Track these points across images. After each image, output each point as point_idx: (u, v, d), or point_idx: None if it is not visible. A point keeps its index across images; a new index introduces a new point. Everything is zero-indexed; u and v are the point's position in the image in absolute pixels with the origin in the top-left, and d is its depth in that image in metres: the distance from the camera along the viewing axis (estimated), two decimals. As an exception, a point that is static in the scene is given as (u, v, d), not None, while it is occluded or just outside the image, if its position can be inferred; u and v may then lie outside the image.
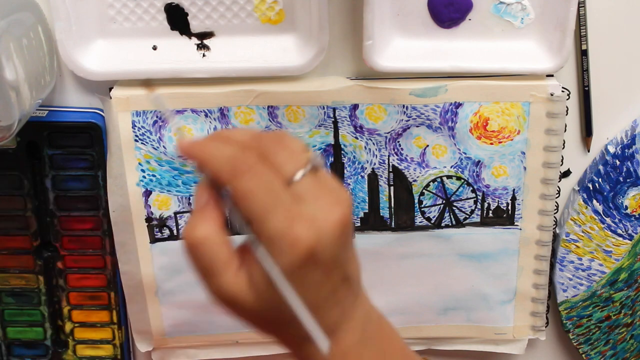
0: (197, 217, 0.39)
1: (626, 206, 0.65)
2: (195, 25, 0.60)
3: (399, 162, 0.64)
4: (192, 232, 0.39)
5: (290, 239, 0.36)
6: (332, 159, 0.64)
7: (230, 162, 0.38)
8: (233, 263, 0.39)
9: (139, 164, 0.63)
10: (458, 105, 0.61)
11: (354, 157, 0.64)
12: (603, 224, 0.66)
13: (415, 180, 0.64)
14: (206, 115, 0.62)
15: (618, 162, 0.64)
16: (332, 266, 0.39)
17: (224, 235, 0.40)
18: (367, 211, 0.65)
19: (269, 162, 0.38)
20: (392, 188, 0.65)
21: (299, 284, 0.37)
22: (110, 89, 0.61)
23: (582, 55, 0.62)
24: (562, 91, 0.61)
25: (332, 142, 0.63)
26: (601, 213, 0.66)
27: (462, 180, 0.64)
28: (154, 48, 0.60)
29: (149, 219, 0.65)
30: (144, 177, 0.63)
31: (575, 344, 0.71)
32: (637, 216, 0.66)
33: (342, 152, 0.63)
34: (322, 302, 0.40)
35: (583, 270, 0.68)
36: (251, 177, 0.37)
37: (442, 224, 0.66)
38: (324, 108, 0.61)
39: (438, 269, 0.67)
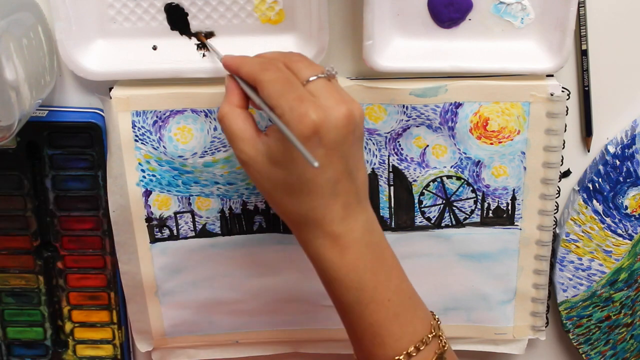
0: (224, 100, 0.50)
1: (626, 206, 0.65)
2: (195, 25, 0.60)
3: (399, 162, 0.64)
4: (220, 109, 0.50)
5: (299, 114, 0.45)
6: (332, 159, 0.64)
7: (258, 65, 0.48)
8: (249, 131, 0.49)
9: (139, 164, 0.63)
10: (458, 105, 0.61)
11: (354, 157, 0.64)
12: (603, 224, 0.66)
13: (415, 180, 0.64)
14: (206, 115, 0.62)
15: (618, 162, 0.64)
16: (335, 152, 0.47)
17: (242, 111, 0.50)
18: (367, 211, 0.65)
19: (290, 68, 0.48)
20: (392, 188, 0.65)
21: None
22: (110, 89, 0.61)
23: (582, 55, 0.62)
24: (562, 91, 0.61)
25: (332, 142, 0.63)
26: (601, 213, 0.66)
27: (462, 180, 0.64)
28: (154, 48, 0.60)
29: (149, 219, 0.65)
30: (144, 177, 0.63)
31: (575, 344, 0.71)
32: (637, 216, 0.66)
33: (342, 152, 0.63)
34: (324, 183, 0.48)
35: (583, 270, 0.68)
36: (274, 71, 0.47)
37: (442, 224, 0.66)
38: (324, 108, 0.61)
39: (438, 269, 0.68)
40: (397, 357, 0.52)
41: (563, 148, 0.63)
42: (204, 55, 0.60)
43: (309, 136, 0.46)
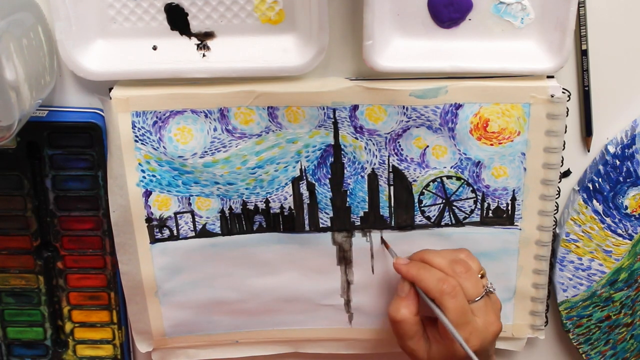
0: (401, 302, 0.61)
1: (626, 206, 0.65)
2: (195, 25, 0.60)
3: (399, 162, 0.64)
4: (397, 313, 0.60)
5: (467, 344, 0.58)
6: (332, 160, 0.64)
7: (439, 284, 0.59)
8: (418, 334, 0.61)
9: (139, 164, 0.63)
10: (458, 106, 0.61)
11: (354, 157, 0.64)
12: (603, 223, 0.66)
13: (415, 181, 0.64)
14: (206, 116, 0.62)
15: (618, 162, 0.64)
16: (484, 356, 0.60)
17: (416, 317, 0.60)
18: (367, 210, 0.65)
19: (462, 287, 0.59)
20: (392, 188, 0.65)
21: None
22: (110, 89, 0.61)
23: (582, 55, 0.62)
24: (563, 92, 0.61)
25: (332, 143, 0.63)
26: (601, 213, 0.66)
27: (462, 181, 0.64)
28: (154, 48, 0.60)
29: (149, 219, 0.65)
30: (144, 177, 0.63)
31: (575, 343, 0.71)
32: (637, 216, 0.66)
33: (342, 152, 0.63)
34: None
35: (583, 270, 0.68)
36: (454, 299, 0.58)
37: (442, 223, 0.66)
38: (324, 109, 0.61)
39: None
40: None
41: (563, 149, 0.63)
42: (204, 55, 0.60)
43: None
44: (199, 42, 0.60)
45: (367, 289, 0.69)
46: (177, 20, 0.60)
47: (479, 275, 0.61)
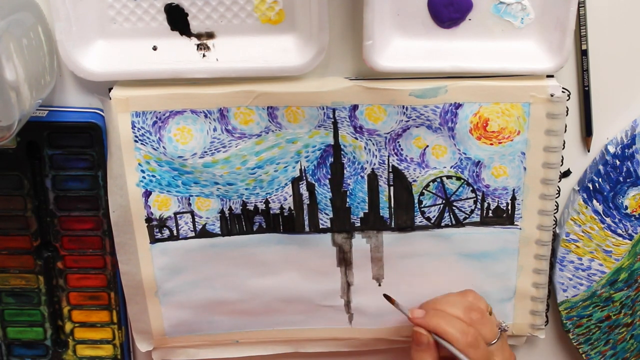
0: (426, 354, 0.62)
1: (626, 206, 0.65)
2: (195, 26, 0.60)
3: (398, 162, 0.64)
4: None
5: None
6: (332, 160, 0.64)
7: (463, 337, 0.60)
8: None
9: (139, 164, 0.63)
10: (458, 106, 0.61)
11: (354, 157, 0.64)
12: (603, 223, 0.66)
13: (415, 181, 0.64)
14: (206, 116, 0.62)
15: (618, 162, 0.64)
16: None
17: None
18: (367, 211, 0.65)
19: (480, 336, 0.61)
20: (392, 188, 0.65)
21: None
22: (110, 89, 0.61)
23: (582, 55, 0.62)
24: (563, 92, 0.61)
25: (332, 143, 0.63)
26: (601, 213, 0.66)
27: (462, 181, 0.64)
28: (154, 48, 0.60)
29: (148, 220, 0.65)
30: (143, 177, 0.63)
31: (575, 343, 0.71)
32: (637, 216, 0.66)
33: (342, 152, 0.63)
34: None
35: (583, 270, 0.68)
36: (477, 350, 0.60)
37: (442, 224, 0.66)
38: (323, 109, 0.61)
39: (438, 268, 0.68)
40: None
41: (563, 148, 0.63)
42: (204, 56, 0.60)
43: None
44: (199, 43, 0.60)
45: (367, 291, 0.69)
46: (177, 20, 0.60)
47: (491, 316, 0.64)
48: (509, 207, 0.65)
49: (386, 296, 0.65)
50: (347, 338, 0.72)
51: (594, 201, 0.65)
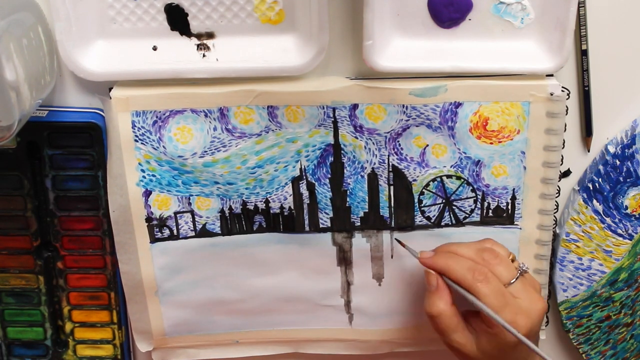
0: (435, 296, 0.59)
1: (626, 206, 0.65)
2: (195, 26, 0.60)
3: (398, 161, 0.64)
4: (432, 307, 0.59)
5: (516, 326, 0.56)
6: (332, 159, 0.64)
7: (470, 273, 0.57)
8: (460, 325, 0.58)
9: (139, 164, 0.63)
10: (458, 105, 0.61)
11: (354, 156, 0.64)
12: (603, 223, 0.66)
13: (415, 180, 0.64)
14: (206, 115, 0.62)
15: (618, 162, 0.64)
16: (534, 337, 0.59)
17: (453, 307, 0.58)
18: (367, 210, 0.65)
19: (494, 273, 0.57)
20: (391, 187, 0.65)
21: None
22: (110, 89, 0.61)
23: (582, 55, 0.62)
24: (562, 91, 0.61)
25: (332, 142, 0.63)
26: (601, 213, 0.66)
27: (462, 180, 0.64)
28: (154, 48, 0.60)
29: (149, 219, 0.65)
30: (143, 177, 0.63)
31: (575, 343, 0.71)
32: (637, 216, 0.66)
33: (342, 151, 0.63)
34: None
35: (583, 270, 0.68)
36: (487, 285, 0.56)
37: (442, 223, 0.66)
38: (323, 108, 0.61)
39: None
40: None
41: (563, 147, 0.63)
42: (204, 56, 0.60)
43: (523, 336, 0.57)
44: (199, 43, 0.60)
45: (367, 290, 0.69)
46: (177, 20, 0.60)
47: (510, 260, 0.60)
48: (509, 207, 0.65)
49: (397, 240, 0.65)
50: (347, 339, 0.72)
51: (594, 201, 0.65)
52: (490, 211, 0.66)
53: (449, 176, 0.64)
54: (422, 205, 0.65)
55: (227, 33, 0.60)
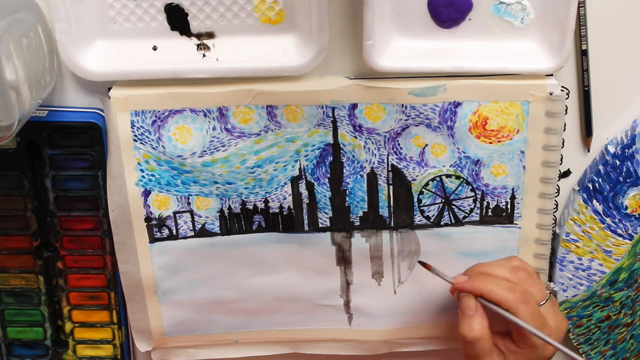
0: (475, 320, 0.58)
1: (626, 206, 0.65)
2: (195, 26, 0.60)
3: (398, 161, 0.64)
4: (473, 331, 0.58)
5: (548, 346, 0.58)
6: (331, 158, 0.64)
7: (511, 294, 0.57)
8: (494, 350, 0.59)
9: (138, 163, 0.63)
10: (457, 104, 0.61)
11: (353, 156, 0.64)
12: (603, 224, 0.66)
13: (414, 180, 0.64)
14: (205, 115, 0.62)
15: (618, 162, 0.64)
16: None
17: (489, 332, 0.58)
18: (366, 210, 0.65)
19: (530, 293, 0.58)
20: (391, 187, 0.65)
21: None
22: (110, 89, 0.61)
23: (582, 55, 0.62)
24: (562, 90, 0.61)
25: (331, 142, 0.63)
26: (601, 213, 0.66)
27: (462, 179, 0.64)
28: (154, 48, 0.60)
29: (148, 219, 0.65)
30: (143, 176, 0.63)
31: (575, 344, 0.71)
32: (637, 216, 0.66)
33: (341, 151, 0.63)
34: None
35: (583, 270, 0.68)
36: (527, 306, 0.57)
37: (442, 223, 0.66)
38: (322, 107, 0.61)
39: (437, 267, 0.67)
40: None
41: (562, 147, 0.63)
42: (204, 56, 0.60)
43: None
44: (199, 42, 0.60)
45: (367, 290, 0.69)
46: (177, 20, 0.60)
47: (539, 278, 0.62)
48: (509, 206, 0.65)
49: (421, 262, 0.64)
50: (346, 340, 0.72)
51: (594, 201, 0.65)
52: (490, 210, 0.66)
53: (448, 176, 0.64)
54: (422, 204, 0.65)
55: (227, 33, 0.60)
